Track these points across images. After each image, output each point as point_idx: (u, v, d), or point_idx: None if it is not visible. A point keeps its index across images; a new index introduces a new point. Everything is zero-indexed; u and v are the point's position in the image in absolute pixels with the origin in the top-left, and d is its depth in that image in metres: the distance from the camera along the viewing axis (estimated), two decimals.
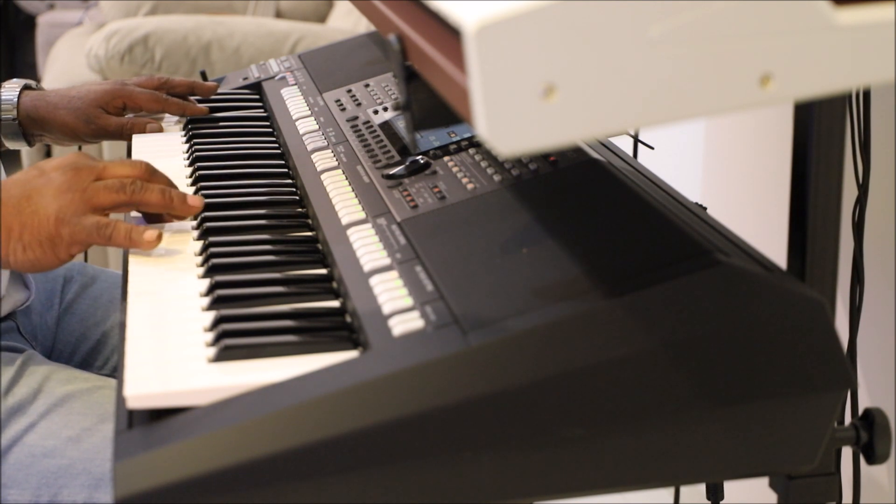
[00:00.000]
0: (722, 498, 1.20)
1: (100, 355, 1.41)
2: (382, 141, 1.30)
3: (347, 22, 3.19)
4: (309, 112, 1.46)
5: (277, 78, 1.62)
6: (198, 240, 1.15)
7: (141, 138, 1.45)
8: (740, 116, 1.91)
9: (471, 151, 1.21)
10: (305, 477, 0.84)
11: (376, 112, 1.39)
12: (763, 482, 0.98)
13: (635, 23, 0.73)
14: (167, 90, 1.50)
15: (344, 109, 1.44)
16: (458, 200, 1.10)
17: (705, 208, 1.07)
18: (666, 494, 1.50)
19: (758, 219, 1.85)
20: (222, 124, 1.50)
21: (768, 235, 1.18)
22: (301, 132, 1.40)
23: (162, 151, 1.41)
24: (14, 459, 1.13)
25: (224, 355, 0.93)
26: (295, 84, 1.58)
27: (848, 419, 1.20)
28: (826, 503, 0.96)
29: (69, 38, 3.55)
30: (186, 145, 1.43)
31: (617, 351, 0.86)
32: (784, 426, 0.90)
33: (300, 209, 1.22)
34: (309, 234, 1.16)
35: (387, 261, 1.02)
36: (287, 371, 0.89)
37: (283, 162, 1.36)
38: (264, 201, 1.25)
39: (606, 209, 1.03)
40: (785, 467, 0.93)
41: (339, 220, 1.13)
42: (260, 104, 1.57)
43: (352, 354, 0.93)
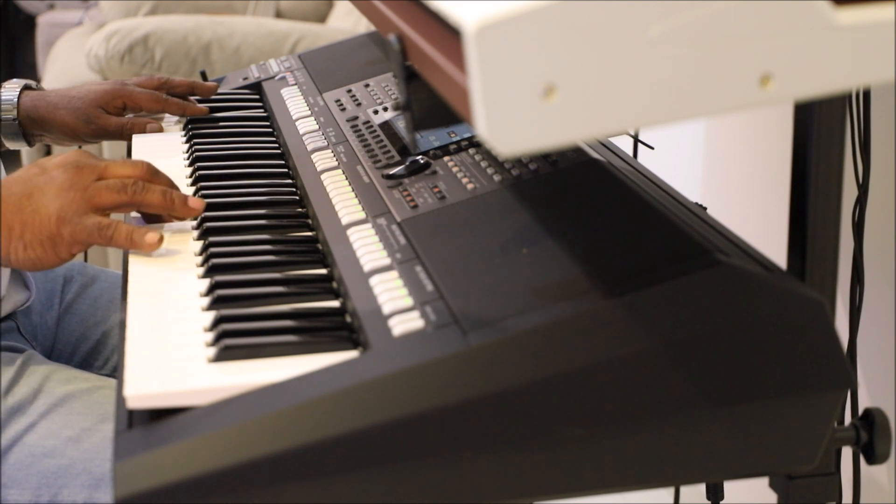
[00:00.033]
0: (722, 498, 1.20)
1: (100, 355, 1.41)
2: (382, 141, 1.30)
3: (347, 22, 3.19)
4: (309, 112, 1.46)
5: (277, 78, 1.62)
6: (198, 240, 1.15)
7: (141, 138, 1.45)
8: (740, 116, 1.91)
9: (471, 151, 1.21)
10: (305, 477, 0.84)
11: (376, 112, 1.39)
12: (763, 482, 0.98)
13: (635, 23, 0.73)
14: (167, 90, 1.50)
15: (344, 109, 1.44)
16: (458, 200, 1.10)
17: (705, 208, 1.07)
18: (666, 494, 1.50)
19: (758, 219, 1.85)
20: (222, 124, 1.50)
21: (768, 235, 1.18)
22: (301, 132, 1.40)
23: (162, 151, 1.41)
24: (14, 459, 1.13)
25: (224, 355, 0.93)
26: (295, 84, 1.58)
27: (848, 419, 1.20)
28: (826, 503, 0.96)
29: (69, 38, 3.55)
30: (186, 145, 1.43)
31: (617, 351, 0.86)
32: (784, 426, 0.90)
33: (300, 209, 1.22)
34: (309, 234, 1.16)
35: (387, 261, 1.02)
36: (287, 371, 0.89)
37: (283, 162, 1.36)
38: (264, 201, 1.25)
39: (606, 209, 1.03)
40: (785, 467, 0.93)
41: (339, 220, 1.13)
42: (260, 104, 1.57)
43: (352, 354, 0.93)
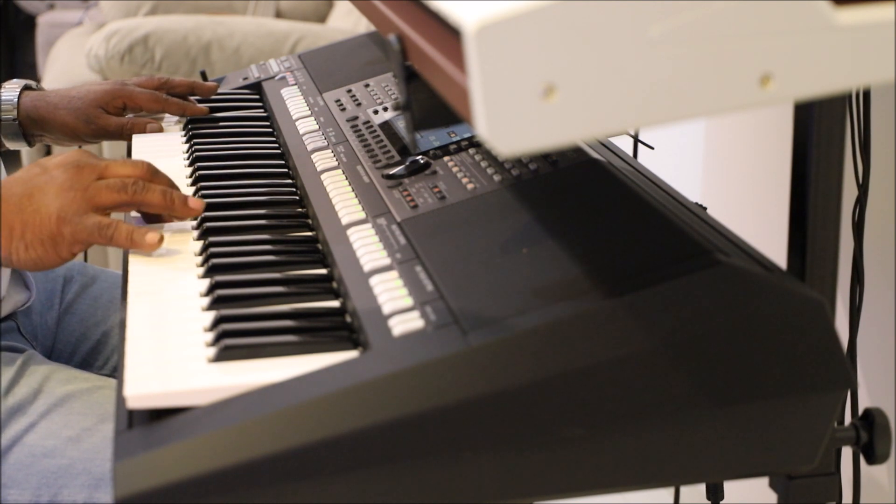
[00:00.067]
0: (722, 498, 1.20)
1: (100, 355, 1.41)
2: (382, 141, 1.30)
3: (347, 22, 3.19)
4: (309, 112, 1.46)
5: (277, 78, 1.62)
6: (198, 240, 1.15)
7: (141, 138, 1.45)
8: (740, 116, 1.91)
9: (471, 151, 1.21)
10: (305, 477, 0.84)
11: (376, 112, 1.39)
12: (763, 482, 0.98)
13: (635, 23, 0.73)
14: (167, 90, 1.50)
15: (344, 109, 1.44)
16: (458, 200, 1.10)
17: (705, 208, 1.07)
18: (666, 494, 1.50)
19: (758, 219, 1.85)
20: (222, 124, 1.50)
21: (768, 235, 1.18)
22: (301, 132, 1.40)
23: (162, 151, 1.41)
24: (14, 459, 1.13)
25: (224, 355, 0.93)
26: (295, 84, 1.58)
27: (848, 419, 1.20)
28: (826, 503, 0.96)
29: (69, 38, 3.55)
30: (186, 145, 1.43)
31: (617, 351, 0.86)
32: (784, 426, 0.90)
33: (300, 209, 1.22)
34: (309, 234, 1.16)
35: (387, 261, 1.02)
36: (287, 371, 0.89)
37: (283, 162, 1.36)
38: (264, 201, 1.25)
39: (606, 209, 1.03)
40: (785, 467, 0.93)
41: (339, 220, 1.13)
42: (260, 104, 1.57)
43: (352, 354, 0.93)
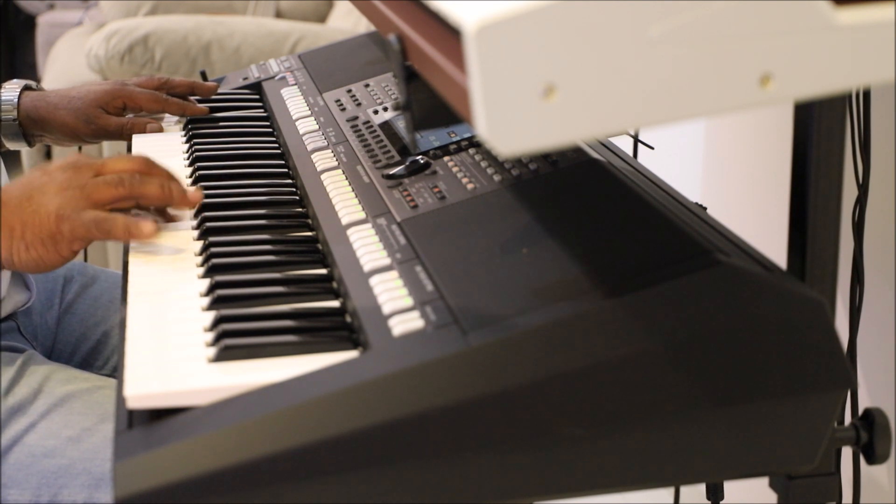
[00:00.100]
0: (722, 498, 1.20)
1: (100, 355, 1.41)
2: (382, 141, 1.30)
3: (347, 22, 3.19)
4: (309, 112, 1.46)
5: (277, 78, 1.62)
6: (198, 240, 1.15)
7: (141, 138, 1.45)
8: (740, 116, 1.91)
9: (471, 151, 1.21)
10: (305, 477, 0.84)
11: (376, 112, 1.39)
12: (763, 482, 0.98)
13: (635, 23, 0.73)
14: (167, 90, 1.50)
15: (344, 109, 1.44)
16: (458, 200, 1.10)
17: (705, 208, 1.07)
18: (666, 494, 1.50)
19: (758, 219, 1.85)
20: (222, 124, 1.50)
21: (768, 235, 1.18)
22: (301, 132, 1.40)
23: (162, 151, 1.41)
24: (14, 459, 1.13)
25: (224, 355, 0.93)
26: (295, 84, 1.58)
27: (848, 419, 1.20)
28: (826, 503, 0.96)
29: (69, 38, 3.55)
30: (186, 145, 1.43)
31: (617, 351, 0.86)
32: (784, 426, 0.90)
33: (300, 209, 1.22)
34: (309, 234, 1.16)
35: (387, 261, 1.02)
36: (287, 371, 0.89)
37: (283, 162, 1.36)
38: (264, 201, 1.25)
39: (606, 209, 1.03)
40: (785, 467, 0.93)
41: (339, 220, 1.13)
42: (260, 104, 1.57)
43: (352, 354, 0.93)
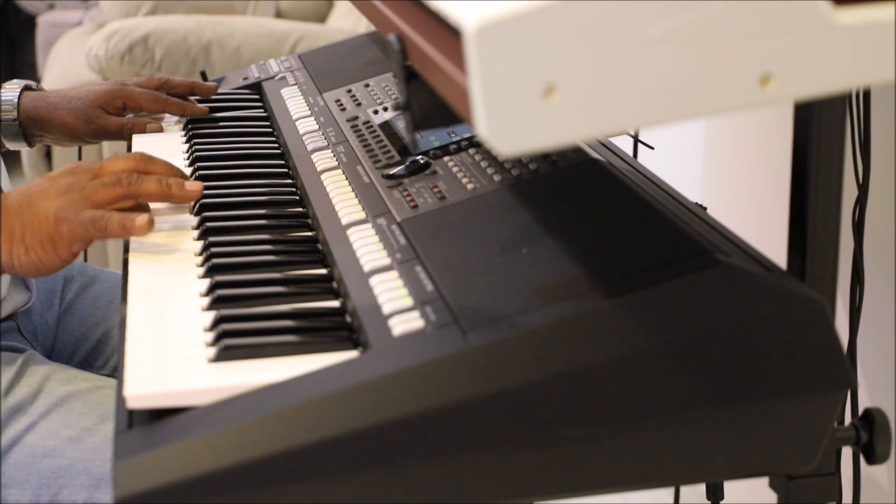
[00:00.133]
0: (722, 498, 1.20)
1: (100, 355, 1.41)
2: (382, 141, 1.30)
3: (347, 22, 3.19)
4: (309, 112, 1.46)
5: (277, 78, 1.62)
6: (198, 240, 1.15)
7: (141, 138, 1.45)
8: (740, 116, 1.91)
9: (471, 151, 1.21)
10: (305, 477, 0.84)
11: (376, 112, 1.39)
12: (763, 482, 0.98)
13: (635, 23, 0.73)
14: (167, 90, 1.50)
15: (344, 109, 1.44)
16: (458, 200, 1.10)
17: (705, 208, 1.07)
18: (666, 494, 1.50)
19: (758, 219, 1.85)
20: (222, 124, 1.50)
21: (768, 235, 1.18)
22: (301, 132, 1.40)
23: (162, 151, 1.40)
24: (14, 459, 1.14)
25: (224, 355, 0.93)
26: (295, 84, 1.58)
27: (848, 419, 1.20)
28: (826, 503, 0.96)
29: (69, 38, 3.55)
30: (186, 145, 1.43)
31: (617, 351, 0.86)
32: (784, 426, 0.90)
33: (300, 209, 1.22)
34: (309, 234, 1.16)
35: (387, 261, 1.02)
36: (287, 371, 0.89)
37: (283, 162, 1.36)
38: (264, 201, 1.25)
39: (606, 209, 1.03)
40: (785, 467, 0.93)
41: (339, 220, 1.13)
42: (260, 104, 1.57)
43: (352, 354, 0.93)
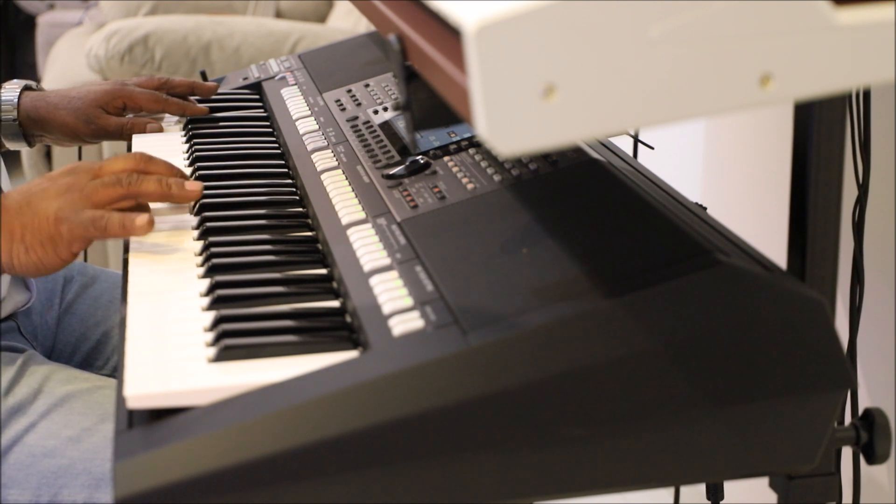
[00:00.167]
0: (722, 498, 1.20)
1: (100, 355, 1.41)
2: (382, 141, 1.30)
3: (347, 22, 3.19)
4: (309, 112, 1.46)
5: (277, 78, 1.62)
6: (198, 240, 1.15)
7: (141, 138, 1.45)
8: (740, 116, 1.91)
9: (471, 151, 1.21)
10: (305, 477, 0.84)
11: (376, 112, 1.39)
12: (763, 482, 0.98)
13: (635, 23, 0.73)
14: (167, 90, 1.50)
15: (344, 109, 1.44)
16: (458, 200, 1.10)
17: (705, 208, 1.07)
18: (666, 494, 1.50)
19: (758, 219, 1.85)
20: (222, 124, 1.50)
21: (768, 235, 1.18)
22: (301, 132, 1.40)
23: (162, 151, 1.40)
24: (14, 459, 1.14)
25: (224, 355, 0.93)
26: (295, 84, 1.58)
27: (848, 419, 1.20)
28: (826, 503, 0.96)
29: (69, 38, 3.55)
30: (186, 145, 1.43)
31: (617, 351, 0.86)
32: (784, 426, 0.90)
33: (300, 209, 1.22)
34: (309, 234, 1.16)
35: (387, 261, 1.02)
36: (287, 371, 0.89)
37: (283, 162, 1.36)
38: (264, 201, 1.25)
39: (606, 209, 1.03)
40: (785, 467, 0.93)
41: (339, 220, 1.13)
42: (260, 104, 1.57)
43: (352, 354, 0.93)
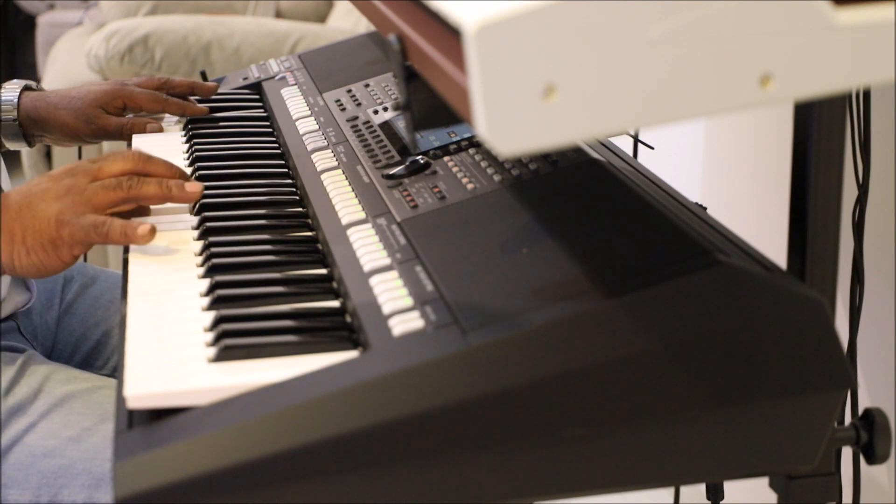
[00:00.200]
0: (722, 498, 1.20)
1: (100, 355, 1.41)
2: (382, 141, 1.30)
3: (347, 22, 3.19)
4: (309, 112, 1.46)
5: (277, 78, 1.62)
6: (198, 240, 1.15)
7: (141, 138, 1.45)
8: (740, 116, 1.91)
9: (471, 151, 1.21)
10: (305, 477, 0.84)
11: (376, 112, 1.39)
12: (763, 482, 0.98)
13: (635, 23, 0.73)
14: (167, 90, 1.50)
15: (344, 109, 1.44)
16: (458, 200, 1.10)
17: (705, 208, 1.07)
18: (666, 494, 1.50)
19: (758, 219, 1.85)
20: (222, 124, 1.50)
21: (768, 235, 1.18)
22: (301, 132, 1.40)
23: (162, 151, 1.40)
24: (14, 459, 1.14)
25: (224, 355, 0.93)
26: (295, 84, 1.58)
27: (848, 419, 1.20)
28: (826, 503, 0.96)
29: (69, 38, 3.55)
30: (186, 145, 1.43)
31: (617, 351, 0.86)
32: (784, 426, 0.90)
33: (300, 209, 1.22)
34: (309, 234, 1.16)
35: (387, 261, 1.02)
36: (287, 371, 0.89)
37: (283, 162, 1.36)
38: (264, 201, 1.25)
39: (606, 209, 1.03)
40: (785, 467, 0.93)
41: (339, 220, 1.13)
42: (260, 104, 1.57)
43: (352, 354, 0.93)
